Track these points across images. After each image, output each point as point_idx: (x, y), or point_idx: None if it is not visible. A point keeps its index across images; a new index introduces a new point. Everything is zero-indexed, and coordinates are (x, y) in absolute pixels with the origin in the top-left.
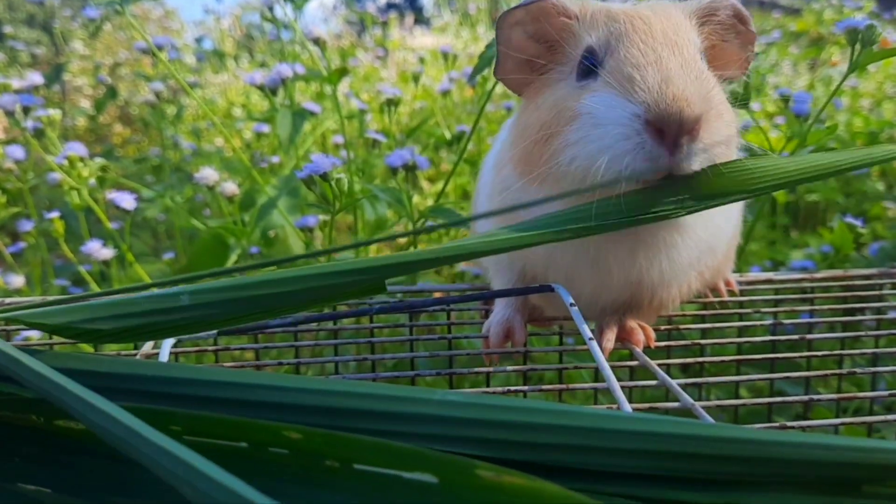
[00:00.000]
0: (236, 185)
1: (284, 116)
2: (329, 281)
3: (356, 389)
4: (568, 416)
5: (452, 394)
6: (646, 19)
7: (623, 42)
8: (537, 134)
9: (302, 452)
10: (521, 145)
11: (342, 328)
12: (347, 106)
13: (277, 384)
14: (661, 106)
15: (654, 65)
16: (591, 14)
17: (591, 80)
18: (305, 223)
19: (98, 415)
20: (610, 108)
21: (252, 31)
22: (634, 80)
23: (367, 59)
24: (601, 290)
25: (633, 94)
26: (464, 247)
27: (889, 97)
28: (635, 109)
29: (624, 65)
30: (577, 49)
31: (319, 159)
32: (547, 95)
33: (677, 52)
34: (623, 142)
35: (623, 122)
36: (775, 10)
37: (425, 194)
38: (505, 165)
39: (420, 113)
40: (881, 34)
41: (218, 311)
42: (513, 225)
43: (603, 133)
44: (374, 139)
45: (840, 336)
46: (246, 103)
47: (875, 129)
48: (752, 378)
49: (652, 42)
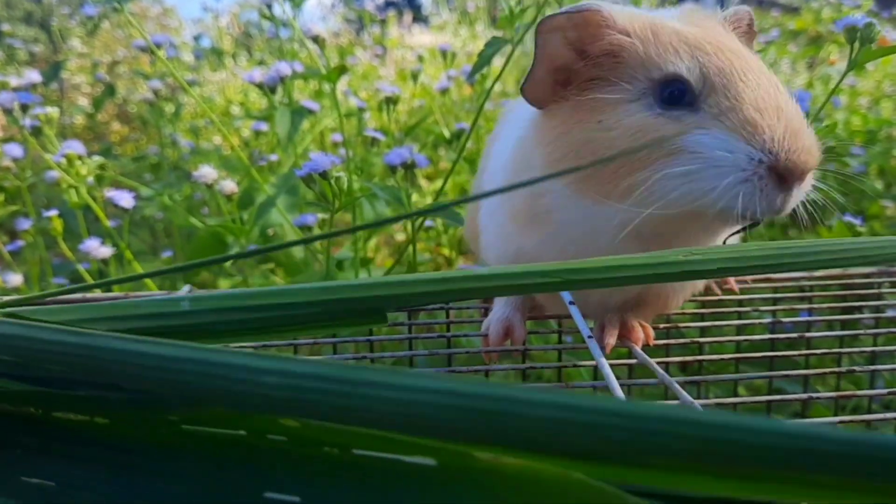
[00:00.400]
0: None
1: (283, 115)
2: (331, 297)
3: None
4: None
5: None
6: (734, 50)
7: (727, 78)
8: (607, 153)
9: (300, 439)
10: (575, 161)
11: None
12: (346, 104)
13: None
14: (791, 158)
15: (776, 111)
16: (655, 34)
17: (688, 112)
18: (304, 222)
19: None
20: (730, 150)
21: (250, 28)
22: (759, 126)
23: (365, 57)
24: (613, 290)
25: (756, 140)
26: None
27: (887, 95)
28: (759, 155)
29: (740, 107)
30: (649, 72)
31: (319, 158)
32: (614, 116)
33: (781, 91)
34: (741, 185)
35: (743, 167)
36: (774, 9)
37: (424, 192)
38: (532, 170)
39: (419, 111)
40: (880, 32)
41: (218, 319)
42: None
43: (718, 175)
44: (373, 137)
45: (839, 334)
46: (244, 101)
47: (873, 127)
48: (750, 376)
49: (757, 80)
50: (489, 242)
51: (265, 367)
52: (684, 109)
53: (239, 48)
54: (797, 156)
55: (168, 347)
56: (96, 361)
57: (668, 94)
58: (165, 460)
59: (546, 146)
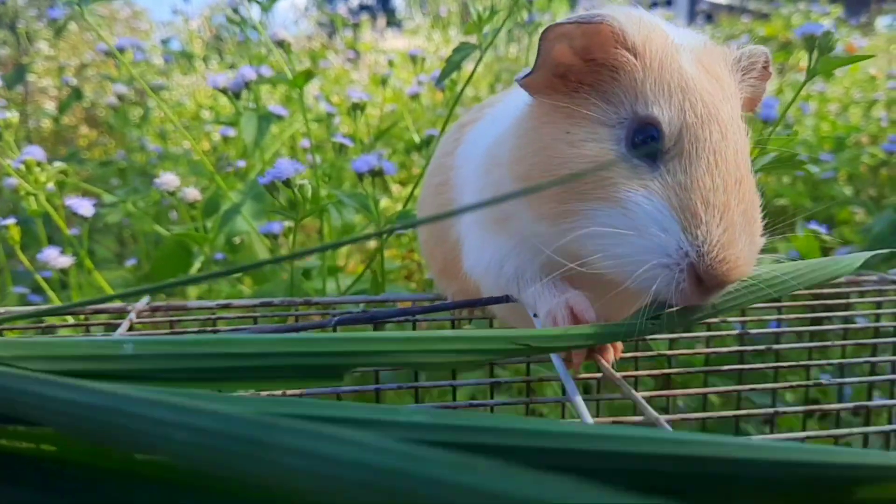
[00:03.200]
0: (202, 189)
1: (249, 120)
2: (287, 357)
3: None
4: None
5: (419, 412)
6: (722, 121)
7: (699, 150)
8: (557, 169)
9: None
10: (530, 163)
11: None
12: (317, 109)
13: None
14: (714, 268)
15: (722, 211)
16: (661, 66)
17: (647, 167)
18: (270, 230)
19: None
20: (662, 230)
21: (222, 32)
22: (699, 220)
23: (338, 61)
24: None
25: (690, 233)
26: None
27: (855, 102)
28: (687, 248)
29: (692, 190)
30: (635, 102)
31: (283, 165)
32: (583, 132)
33: (743, 188)
34: (661, 270)
35: (670, 254)
36: (744, 15)
37: (395, 198)
38: (499, 167)
39: (391, 116)
40: (839, 40)
41: (164, 367)
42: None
43: (643, 249)
44: (342, 144)
45: (808, 346)
46: (213, 105)
47: (842, 133)
48: (719, 390)
49: (724, 167)
50: (472, 249)
51: (171, 419)
52: (646, 161)
53: (210, 52)
54: (721, 267)
55: (83, 392)
56: (9, 402)
57: (640, 138)
58: (120, 487)
59: (514, 138)
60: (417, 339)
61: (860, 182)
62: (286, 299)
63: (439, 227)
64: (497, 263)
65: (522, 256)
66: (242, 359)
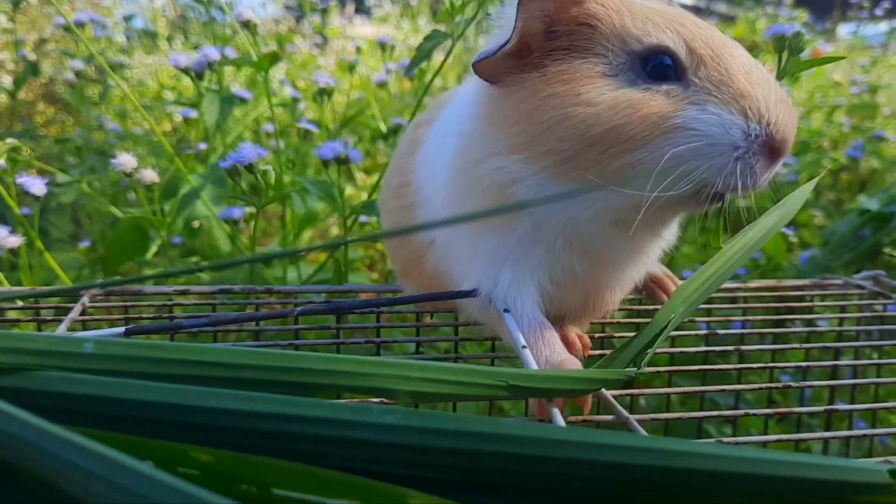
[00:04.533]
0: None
1: (211, 102)
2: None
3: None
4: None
5: (390, 412)
6: (708, 26)
7: (714, 50)
8: (587, 132)
9: (214, 474)
10: (556, 138)
11: (265, 329)
12: (282, 93)
13: (184, 402)
14: (784, 132)
15: (766, 83)
16: (628, 7)
17: (677, 86)
18: (230, 215)
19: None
20: (728, 126)
21: (188, 11)
22: (752, 98)
23: (305, 46)
24: (572, 294)
25: (752, 115)
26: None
27: (818, 107)
28: (756, 129)
29: (733, 80)
30: (626, 45)
31: (245, 149)
32: (595, 90)
33: (758, 62)
34: (739, 164)
35: (740, 145)
36: (711, 17)
37: (360, 186)
38: (494, 157)
39: (358, 103)
40: (809, 42)
41: (123, 369)
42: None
43: (718, 153)
44: (307, 129)
45: (771, 348)
46: (176, 86)
47: (805, 137)
48: (685, 390)
49: (741, 52)
50: (461, 261)
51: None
52: (672, 83)
53: (175, 31)
54: (788, 129)
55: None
56: None
57: (651, 67)
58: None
59: (509, 126)
60: (391, 365)
61: (820, 186)
62: (246, 287)
63: (401, 226)
64: (494, 271)
65: (529, 250)
66: (203, 367)
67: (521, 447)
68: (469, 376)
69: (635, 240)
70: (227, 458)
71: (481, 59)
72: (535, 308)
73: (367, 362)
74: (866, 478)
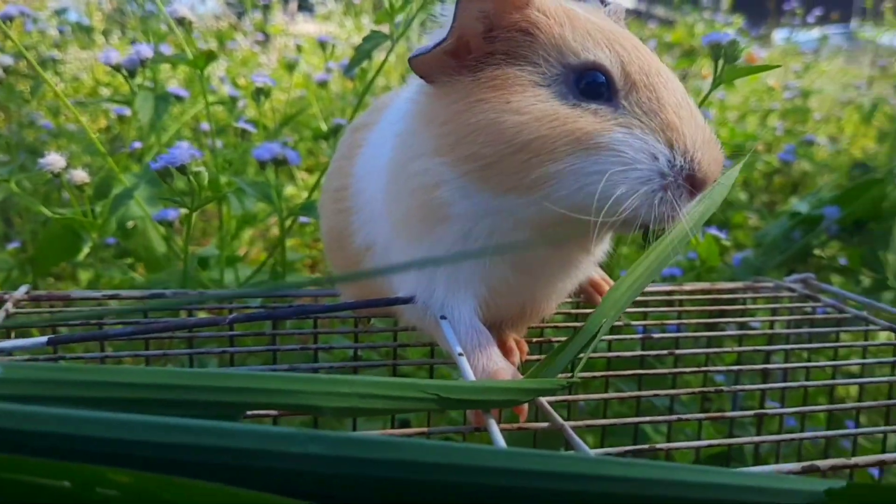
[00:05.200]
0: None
1: (146, 100)
2: (176, 391)
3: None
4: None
5: (317, 440)
6: (647, 50)
7: (648, 76)
8: (512, 140)
9: (134, 495)
10: (480, 143)
11: (197, 335)
12: (221, 92)
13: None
14: (707, 169)
15: (693, 119)
16: (570, 18)
17: (607, 107)
18: (165, 216)
19: None
20: (653, 154)
21: (125, 5)
22: (680, 133)
23: (246, 43)
24: (508, 302)
25: (678, 146)
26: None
27: (753, 111)
28: (680, 162)
29: (662, 110)
30: (563, 56)
31: (177, 150)
32: (525, 98)
33: (689, 96)
34: (661, 192)
35: (666, 174)
36: (651, 21)
37: (301, 186)
38: (422, 158)
39: (300, 102)
40: (744, 49)
41: (34, 394)
42: None
43: (640, 178)
44: (244, 129)
45: (706, 351)
46: (111, 82)
47: (740, 140)
48: (621, 396)
49: (674, 85)
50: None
51: None
52: (602, 103)
53: (112, 26)
54: (711, 167)
55: None
56: None
57: (584, 83)
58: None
59: (439, 126)
60: (320, 381)
61: (754, 188)
62: (179, 291)
63: (339, 232)
64: (428, 277)
65: (461, 262)
66: (125, 389)
67: (453, 475)
68: (400, 390)
69: (564, 253)
70: (148, 480)
71: (417, 55)
72: (472, 315)
73: (297, 379)
74: (803, 500)
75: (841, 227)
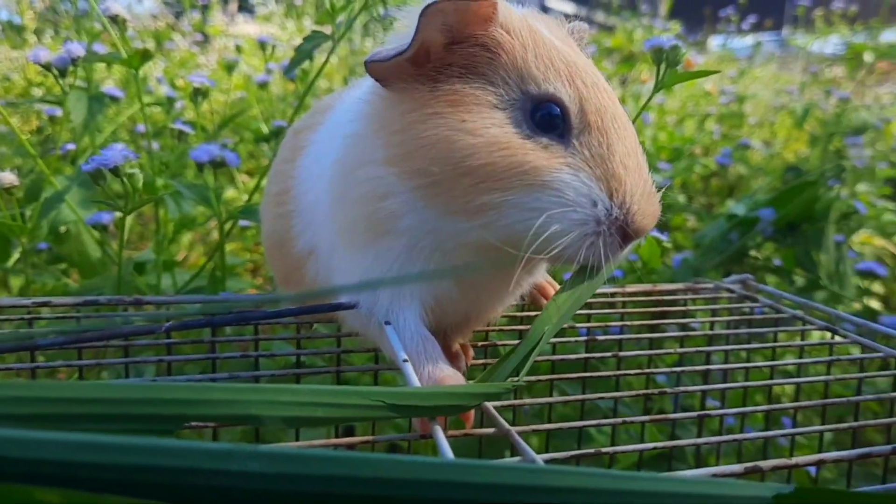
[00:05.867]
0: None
1: (78, 100)
2: (107, 405)
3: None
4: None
5: (257, 456)
6: (607, 90)
7: (603, 120)
8: (464, 161)
9: None
10: (429, 158)
11: (133, 343)
12: (159, 92)
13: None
14: (643, 222)
15: (638, 171)
16: (535, 43)
17: (558, 143)
18: (99, 220)
19: None
20: (593, 203)
21: (58, 4)
22: (623, 185)
23: (184, 43)
24: (453, 310)
25: (618, 197)
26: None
27: (690, 115)
28: (616, 212)
29: (611, 158)
30: (524, 82)
31: (110, 152)
32: (480, 119)
33: (639, 147)
34: (593, 236)
35: (602, 221)
36: (591, 26)
37: (242, 189)
38: (371, 165)
39: (240, 103)
40: (685, 55)
41: None
42: None
43: (579, 222)
44: (181, 131)
45: (648, 353)
46: (44, 82)
47: (678, 144)
48: (567, 399)
49: (626, 132)
50: (341, 276)
51: None
52: (555, 139)
53: (45, 24)
54: (645, 220)
55: None
56: None
57: (540, 115)
58: None
59: (391, 134)
60: (262, 391)
61: (692, 190)
62: (114, 298)
63: (280, 235)
64: (369, 292)
65: (407, 269)
66: (54, 405)
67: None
68: (345, 398)
69: (508, 273)
70: (79, 499)
71: (375, 60)
72: (418, 321)
73: (237, 389)
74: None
75: (775, 229)
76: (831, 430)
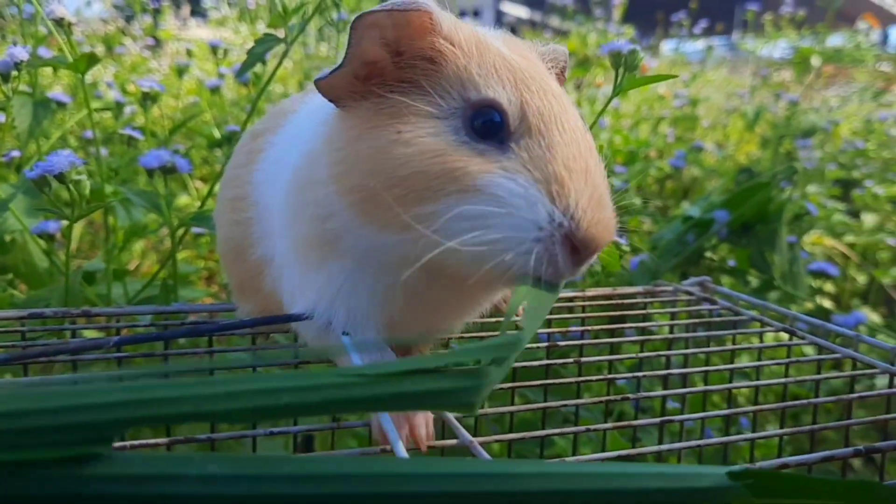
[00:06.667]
0: None
1: (23, 105)
2: (37, 416)
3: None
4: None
5: (213, 462)
6: (556, 94)
7: (545, 123)
8: (396, 172)
9: None
10: (364, 172)
11: (81, 358)
12: (108, 97)
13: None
14: (591, 230)
15: (584, 175)
16: (480, 51)
17: (496, 148)
18: (45, 228)
19: None
20: (532, 204)
21: (3, 9)
22: (566, 188)
23: (135, 48)
24: (412, 325)
25: (561, 202)
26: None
27: (645, 119)
28: (560, 218)
29: (551, 160)
30: (465, 90)
31: (56, 158)
32: (416, 129)
33: (593, 152)
34: (536, 244)
35: (543, 227)
36: (546, 31)
37: (195, 196)
38: (318, 185)
39: (192, 108)
40: (643, 59)
41: None
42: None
43: (516, 227)
44: (130, 136)
45: (609, 359)
46: None
47: (634, 147)
48: (529, 408)
49: (573, 136)
50: (292, 287)
51: None
52: (493, 144)
53: None
54: (596, 229)
55: None
56: None
57: (479, 122)
58: None
59: (335, 152)
60: (217, 383)
61: (648, 193)
62: (60, 310)
63: (237, 243)
64: (326, 305)
65: (359, 289)
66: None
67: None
68: (315, 378)
69: (464, 293)
70: None
71: (321, 78)
72: (374, 333)
73: (185, 385)
74: (708, 482)
75: (730, 230)
76: (792, 433)
